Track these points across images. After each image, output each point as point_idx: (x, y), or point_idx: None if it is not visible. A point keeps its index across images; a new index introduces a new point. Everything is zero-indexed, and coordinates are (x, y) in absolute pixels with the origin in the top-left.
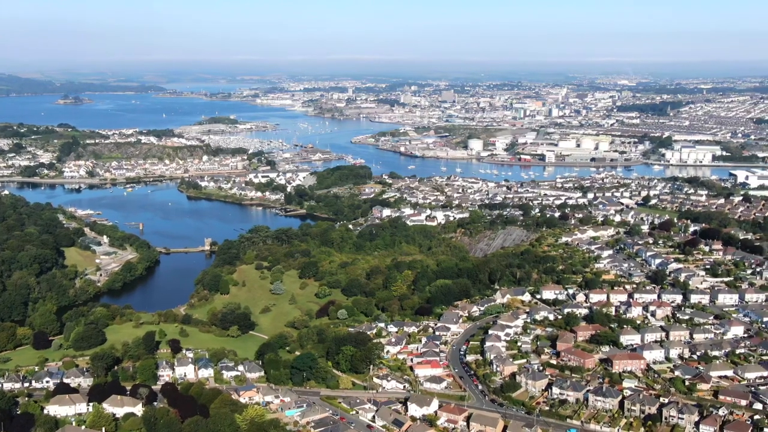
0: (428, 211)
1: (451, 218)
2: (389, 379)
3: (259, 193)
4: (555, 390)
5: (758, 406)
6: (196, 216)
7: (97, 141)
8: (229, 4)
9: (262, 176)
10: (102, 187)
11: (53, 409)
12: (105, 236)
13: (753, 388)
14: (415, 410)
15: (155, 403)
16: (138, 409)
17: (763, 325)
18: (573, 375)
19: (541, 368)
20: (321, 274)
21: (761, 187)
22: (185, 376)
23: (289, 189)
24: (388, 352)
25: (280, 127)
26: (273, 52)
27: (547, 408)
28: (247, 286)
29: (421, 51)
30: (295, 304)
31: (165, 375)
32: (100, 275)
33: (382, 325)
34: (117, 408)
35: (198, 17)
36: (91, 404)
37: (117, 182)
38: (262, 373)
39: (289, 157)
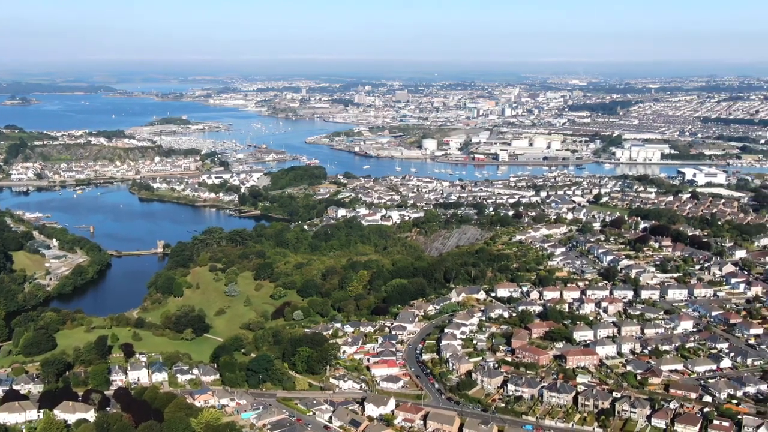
0: (383, 211)
1: (406, 218)
2: (346, 379)
3: (212, 194)
4: (510, 387)
5: (708, 398)
6: (148, 218)
7: (45, 142)
8: (180, 3)
9: (216, 177)
10: (51, 190)
11: (2, 417)
12: (54, 239)
13: (702, 382)
14: (372, 410)
15: (108, 409)
16: (90, 415)
17: (712, 320)
18: (528, 372)
19: (496, 366)
20: (276, 275)
21: (708, 185)
22: (139, 380)
23: (243, 190)
24: (344, 352)
25: (233, 128)
26: (225, 52)
27: (502, 405)
28: (201, 288)
29: (375, 51)
30: (250, 305)
31: (118, 380)
32: (50, 279)
33: (338, 325)
34: (69, 414)
35: (149, 17)
36: (41, 411)
37: (66, 184)
38: (218, 376)
39: (243, 157)
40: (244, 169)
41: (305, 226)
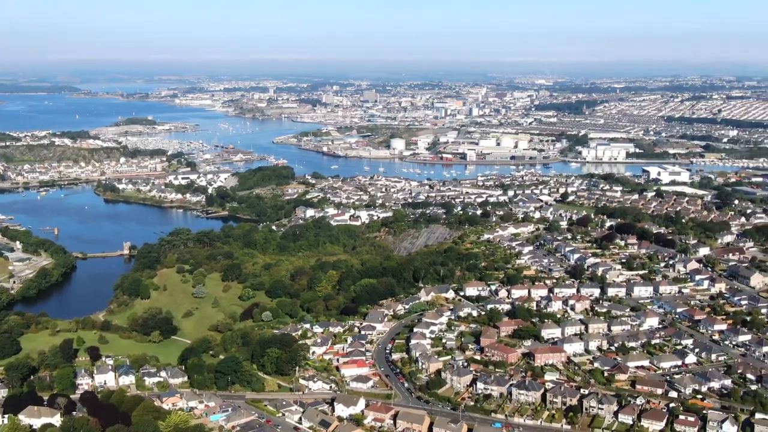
0: (352, 211)
1: (375, 217)
2: (315, 379)
3: (179, 195)
4: (479, 385)
5: (673, 394)
6: (114, 219)
7: (8, 143)
8: (144, 2)
9: (183, 178)
10: (14, 191)
11: None
12: (18, 242)
13: (668, 377)
14: (341, 410)
15: (74, 413)
16: (56, 420)
17: (677, 316)
18: (496, 370)
19: (465, 364)
20: (244, 276)
21: (672, 183)
22: (105, 383)
23: (210, 190)
24: (313, 353)
25: (200, 128)
26: (191, 52)
27: (472, 403)
28: (168, 290)
29: (342, 51)
30: (218, 307)
31: (84, 383)
32: (14, 282)
33: (307, 326)
34: (34, 419)
35: (113, 16)
36: (6, 416)
37: (30, 186)
38: (186, 379)
39: (210, 158)
40: (211, 169)
41: (273, 227)
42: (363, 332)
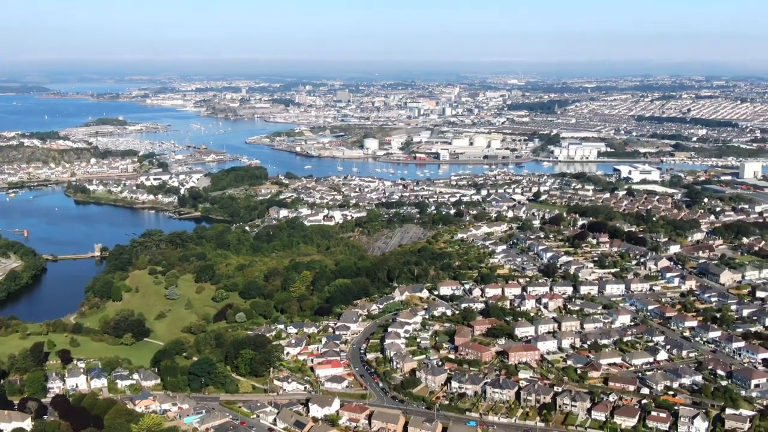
0: (326, 211)
1: (349, 217)
2: (290, 380)
3: (151, 196)
4: (454, 384)
5: (645, 390)
6: (84, 221)
7: None
8: (114, 1)
9: (154, 179)
10: None
11: None
12: None
13: (640, 374)
14: (316, 411)
15: (46, 417)
16: (27, 424)
17: (648, 313)
18: (471, 368)
19: (440, 363)
20: (218, 277)
21: (643, 182)
22: (77, 387)
23: (182, 191)
24: (288, 353)
25: (171, 128)
26: (163, 52)
27: (446, 402)
28: (140, 292)
29: (315, 50)
30: (191, 308)
31: (55, 387)
32: None
33: (281, 326)
34: (4, 423)
35: (82, 15)
36: None
37: None
38: (159, 381)
39: (182, 158)
40: (183, 170)
41: (247, 228)
42: (337, 332)
